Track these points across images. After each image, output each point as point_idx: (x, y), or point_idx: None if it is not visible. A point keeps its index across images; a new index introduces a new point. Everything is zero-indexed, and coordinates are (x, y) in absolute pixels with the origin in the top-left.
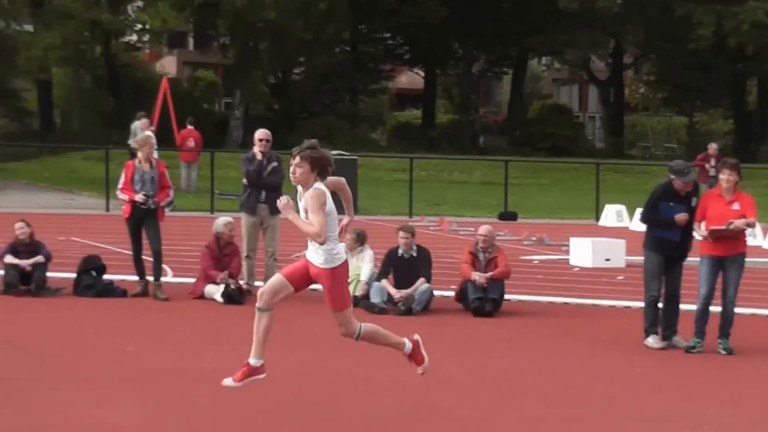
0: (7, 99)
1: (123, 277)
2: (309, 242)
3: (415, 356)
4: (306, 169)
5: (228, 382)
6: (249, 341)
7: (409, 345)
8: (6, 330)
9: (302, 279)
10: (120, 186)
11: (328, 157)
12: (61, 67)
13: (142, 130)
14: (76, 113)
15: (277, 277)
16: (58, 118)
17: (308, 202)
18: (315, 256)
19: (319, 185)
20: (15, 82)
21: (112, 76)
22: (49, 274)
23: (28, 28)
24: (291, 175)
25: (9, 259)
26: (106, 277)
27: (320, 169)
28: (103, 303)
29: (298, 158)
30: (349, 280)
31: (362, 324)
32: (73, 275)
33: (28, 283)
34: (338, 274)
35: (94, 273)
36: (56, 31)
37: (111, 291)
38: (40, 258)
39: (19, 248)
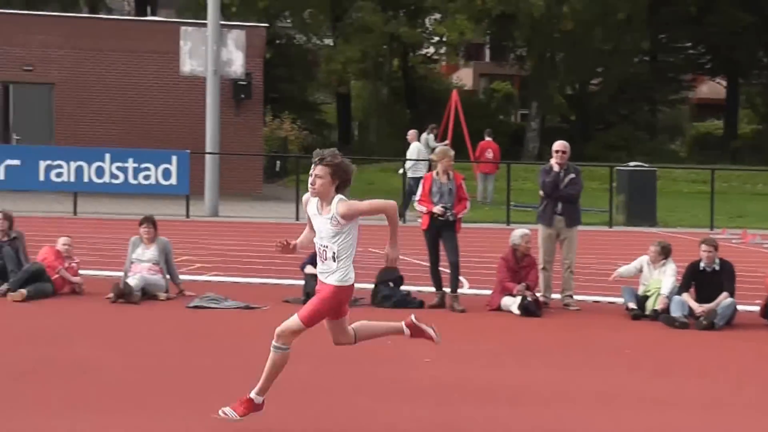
0: (307, 112)
1: (420, 288)
2: (320, 266)
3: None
4: (327, 180)
5: None
6: (547, 353)
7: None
8: (308, 340)
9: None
10: (418, 198)
11: (350, 169)
12: (360, 79)
13: (409, 141)
14: (374, 125)
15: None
16: (356, 131)
17: (348, 212)
18: (326, 275)
19: (341, 197)
20: (315, 95)
21: (408, 88)
22: None
23: (328, 42)
24: (310, 185)
25: (309, 269)
26: (403, 288)
27: (341, 181)
28: (401, 314)
29: (319, 167)
30: (649, 293)
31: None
32: (371, 286)
33: None
34: (339, 293)
35: (391, 284)
36: (355, 45)
37: (408, 302)
38: None
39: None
